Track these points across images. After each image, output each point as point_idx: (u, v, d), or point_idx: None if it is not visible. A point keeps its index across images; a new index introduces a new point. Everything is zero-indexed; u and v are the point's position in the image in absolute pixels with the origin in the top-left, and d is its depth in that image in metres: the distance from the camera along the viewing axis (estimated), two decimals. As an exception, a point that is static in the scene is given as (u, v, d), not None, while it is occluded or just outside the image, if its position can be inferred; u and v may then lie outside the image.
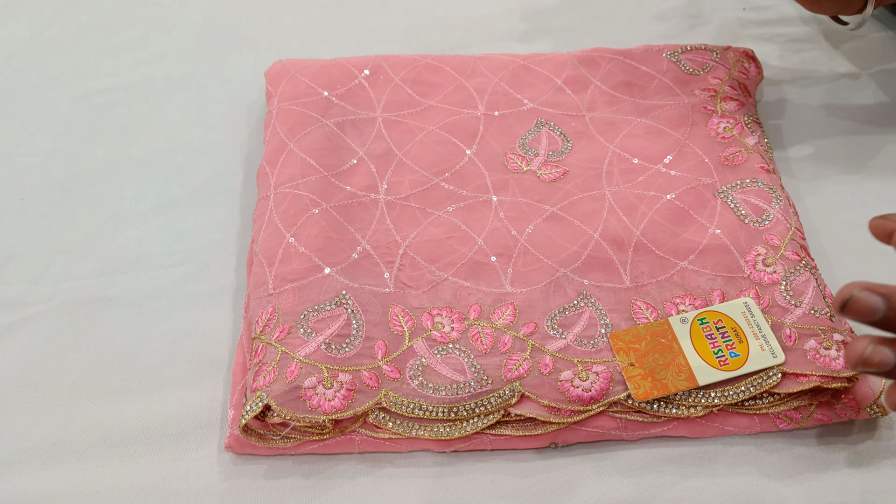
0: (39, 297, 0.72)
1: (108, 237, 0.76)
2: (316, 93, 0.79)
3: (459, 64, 0.83)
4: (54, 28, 0.95)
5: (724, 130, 0.77)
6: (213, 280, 0.72)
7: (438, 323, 0.65)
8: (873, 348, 0.47)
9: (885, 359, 0.46)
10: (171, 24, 0.96)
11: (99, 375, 0.67)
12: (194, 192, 0.79)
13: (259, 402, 0.60)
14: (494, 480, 0.61)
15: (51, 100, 0.88)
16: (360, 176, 0.74)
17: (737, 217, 0.71)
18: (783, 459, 0.62)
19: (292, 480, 0.61)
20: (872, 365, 0.47)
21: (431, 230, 0.70)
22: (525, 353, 0.63)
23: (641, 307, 0.66)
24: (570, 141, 0.77)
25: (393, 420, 0.61)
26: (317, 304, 0.65)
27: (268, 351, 0.62)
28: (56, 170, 0.81)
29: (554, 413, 0.61)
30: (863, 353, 0.47)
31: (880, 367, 0.47)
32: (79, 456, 0.63)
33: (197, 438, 0.64)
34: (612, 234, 0.70)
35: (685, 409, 0.62)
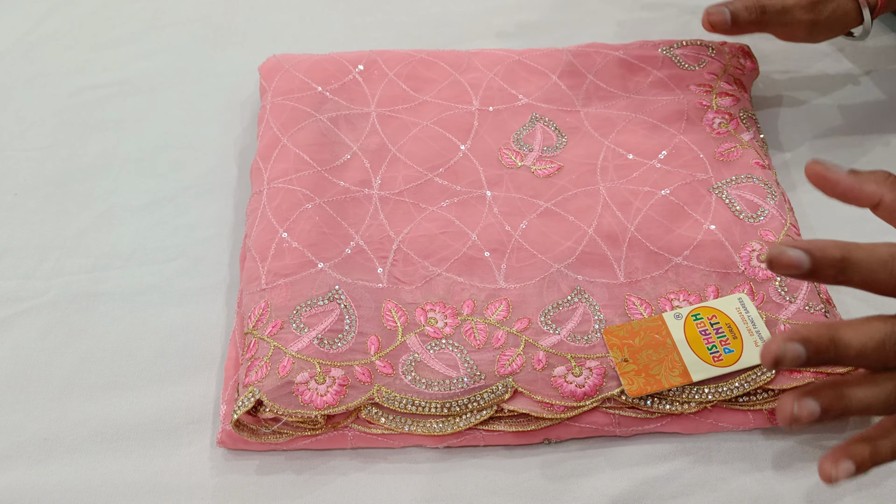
0: (32, 292, 0.71)
1: (102, 232, 0.76)
2: (310, 88, 0.79)
3: (454, 59, 0.83)
4: (48, 24, 0.95)
5: (720, 126, 0.76)
6: (206, 275, 0.72)
7: (432, 318, 0.65)
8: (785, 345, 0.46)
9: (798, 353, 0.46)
10: (165, 19, 0.95)
11: (91, 370, 0.67)
12: (188, 187, 0.79)
13: (251, 397, 0.60)
14: (487, 476, 0.61)
15: (44, 95, 0.87)
16: (354, 171, 0.73)
17: (731, 213, 0.71)
18: (777, 455, 0.62)
19: (284, 476, 0.61)
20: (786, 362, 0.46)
21: (425, 225, 0.70)
22: (518, 348, 0.63)
23: (635, 303, 0.66)
24: (565, 136, 0.77)
25: (386, 415, 0.61)
26: (309, 300, 0.65)
27: (260, 346, 0.62)
28: (49, 165, 0.81)
29: (547, 409, 0.61)
30: (777, 349, 0.46)
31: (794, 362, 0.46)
32: (71, 451, 0.63)
33: (189, 434, 0.63)
34: (607, 230, 0.70)
35: (679, 404, 0.62)
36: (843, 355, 0.46)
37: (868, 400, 0.47)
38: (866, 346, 0.46)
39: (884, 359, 0.47)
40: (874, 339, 0.47)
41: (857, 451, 0.47)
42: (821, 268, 0.46)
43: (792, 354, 0.46)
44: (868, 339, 0.47)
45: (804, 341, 0.46)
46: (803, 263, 0.46)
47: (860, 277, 0.47)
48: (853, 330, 0.47)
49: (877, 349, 0.46)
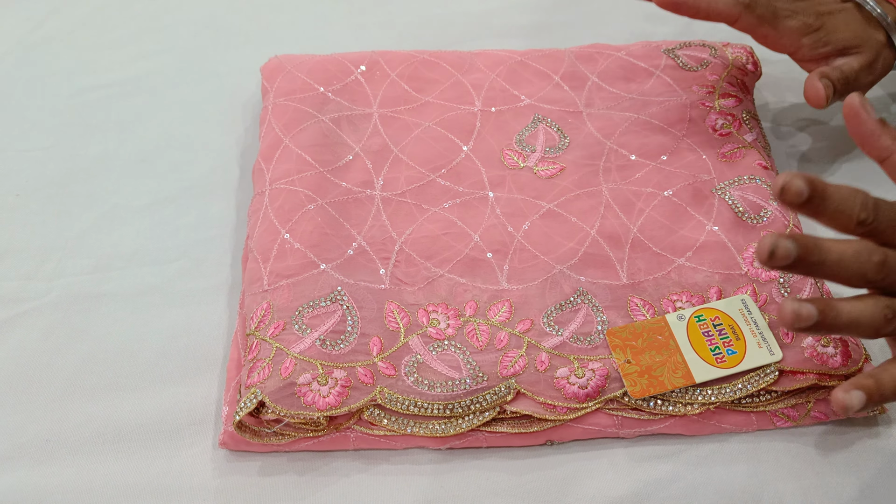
0: (34, 293, 0.71)
1: (103, 233, 0.75)
2: (312, 88, 0.79)
3: (456, 60, 0.82)
4: (50, 24, 0.95)
5: (722, 127, 0.76)
6: (208, 276, 0.72)
7: (434, 319, 0.65)
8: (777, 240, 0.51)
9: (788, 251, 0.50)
10: (167, 19, 0.95)
11: (93, 372, 0.67)
12: (189, 188, 0.79)
13: (253, 398, 0.59)
14: (490, 478, 0.61)
15: (46, 95, 0.87)
16: (356, 172, 0.73)
17: (734, 214, 0.70)
18: (780, 457, 0.62)
19: (287, 477, 0.61)
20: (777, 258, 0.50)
21: (427, 226, 0.70)
22: (521, 349, 0.63)
23: (638, 304, 0.66)
24: (567, 137, 0.77)
25: (388, 417, 0.61)
26: (312, 301, 0.64)
27: (262, 347, 0.62)
28: (51, 166, 0.81)
29: (550, 410, 0.61)
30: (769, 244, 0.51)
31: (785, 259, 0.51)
32: (73, 452, 0.63)
33: (191, 435, 0.63)
34: (609, 231, 0.70)
35: (682, 406, 0.62)
36: (826, 259, 0.51)
37: (855, 313, 0.52)
38: (845, 252, 0.52)
39: (860, 269, 0.52)
40: (852, 247, 0.52)
41: (863, 382, 0.53)
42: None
43: (783, 250, 0.50)
44: (847, 248, 0.52)
45: (795, 239, 0.50)
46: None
47: (833, 206, 0.52)
48: (834, 242, 0.52)
49: (854, 257, 0.52)
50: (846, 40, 0.73)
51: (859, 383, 0.53)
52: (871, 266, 0.53)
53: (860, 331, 0.53)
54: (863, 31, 0.74)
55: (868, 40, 0.73)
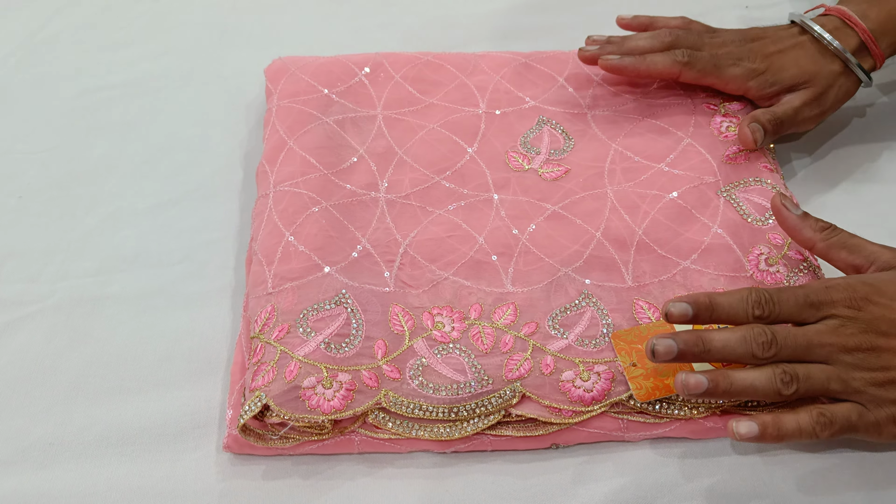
0: (37, 296, 0.71)
1: (107, 235, 0.75)
2: (316, 90, 0.79)
3: (460, 62, 0.82)
4: (53, 25, 0.95)
5: (727, 130, 0.76)
6: (211, 279, 0.72)
7: (439, 322, 0.64)
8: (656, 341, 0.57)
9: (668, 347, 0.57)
10: (171, 21, 0.95)
11: (96, 375, 0.66)
12: (193, 190, 0.79)
13: (258, 401, 0.59)
14: (495, 481, 0.61)
15: (49, 97, 0.87)
16: (361, 174, 0.73)
17: (739, 216, 0.70)
18: (786, 461, 0.61)
19: (291, 481, 0.61)
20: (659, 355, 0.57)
21: (432, 229, 0.70)
22: (526, 353, 0.63)
23: (643, 307, 0.66)
24: (572, 139, 0.77)
25: (393, 420, 0.61)
26: (316, 304, 0.64)
27: (267, 350, 0.62)
28: (54, 167, 0.81)
29: (555, 413, 0.61)
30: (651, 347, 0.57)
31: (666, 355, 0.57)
32: (76, 456, 0.62)
33: (195, 438, 0.63)
34: (614, 233, 0.69)
35: (688, 409, 0.61)
36: (711, 348, 0.57)
37: (749, 380, 0.56)
38: (729, 340, 0.57)
39: (748, 351, 0.57)
40: (738, 333, 0.57)
41: (763, 419, 0.56)
42: (699, 312, 0.57)
43: (664, 347, 0.56)
44: (731, 335, 0.57)
45: (675, 337, 0.57)
46: (688, 312, 0.57)
47: (724, 314, 0.58)
48: (718, 332, 0.57)
49: (740, 342, 0.57)
50: (793, 77, 0.75)
51: (759, 417, 0.56)
52: (758, 346, 0.57)
53: (758, 395, 0.57)
54: (813, 65, 0.75)
55: (818, 74, 0.75)
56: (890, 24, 0.75)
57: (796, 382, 0.56)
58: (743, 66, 0.76)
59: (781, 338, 0.57)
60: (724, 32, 0.79)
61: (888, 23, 0.75)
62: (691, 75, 0.76)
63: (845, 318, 0.57)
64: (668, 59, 0.76)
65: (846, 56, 0.75)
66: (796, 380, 0.56)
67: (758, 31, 0.78)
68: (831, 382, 0.57)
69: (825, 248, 0.63)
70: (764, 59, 0.76)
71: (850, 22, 0.75)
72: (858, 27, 0.75)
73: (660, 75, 0.77)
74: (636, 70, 0.77)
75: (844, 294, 0.58)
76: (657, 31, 0.78)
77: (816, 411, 0.56)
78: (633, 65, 0.76)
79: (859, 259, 0.62)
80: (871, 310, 0.57)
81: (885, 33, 0.75)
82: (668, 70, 0.76)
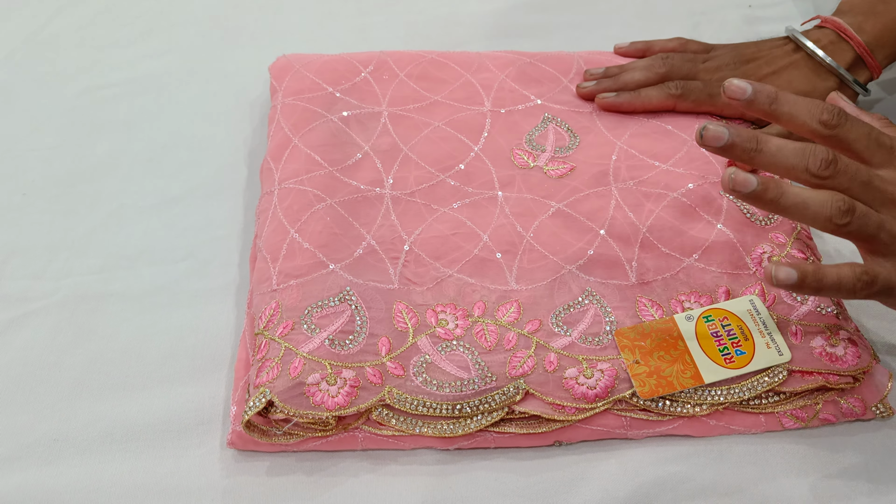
0: (41, 293, 0.71)
1: (111, 233, 0.75)
2: (321, 88, 0.79)
3: (465, 60, 0.82)
4: (57, 23, 0.95)
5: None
6: (215, 276, 0.72)
7: (442, 320, 0.65)
8: None
9: None
10: (175, 18, 0.95)
11: (101, 371, 0.66)
12: (197, 187, 0.79)
13: (262, 398, 0.59)
14: (498, 478, 0.61)
15: (53, 94, 0.87)
16: (366, 171, 0.73)
17: (743, 215, 0.70)
18: (789, 459, 0.62)
19: (295, 477, 0.61)
20: None
21: (437, 226, 0.70)
22: (529, 350, 0.63)
23: (647, 304, 0.66)
24: (578, 137, 0.77)
25: (396, 417, 0.61)
26: (320, 300, 0.64)
27: (271, 347, 0.62)
28: (58, 165, 0.81)
29: (558, 411, 0.61)
30: None
31: None
32: (80, 452, 0.62)
33: (199, 435, 0.63)
34: (619, 231, 0.69)
35: (690, 407, 0.62)
36: (764, 148, 0.55)
37: (803, 196, 0.54)
38: (799, 107, 0.55)
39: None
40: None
41: (804, 266, 0.54)
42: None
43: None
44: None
45: (731, 129, 0.55)
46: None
47: (788, 119, 0.56)
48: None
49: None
50: None
51: (799, 266, 0.54)
52: (816, 161, 0.54)
53: (808, 216, 0.54)
54: (807, 84, 0.76)
55: (812, 92, 0.76)
56: (886, 36, 0.75)
57: (851, 215, 0.53)
58: None
59: (843, 163, 0.54)
60: (719, 53, 0.79)
61: (884, 35, 0.75)
62: (686, 106, 0.78)
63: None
64: (662, 94, 0.77)
65: (841, 72, 0.75)
66: (852, 212, 0.53)
67: (752, 50, 0.79)
68: (882, 231, 0.54)
69: None
70: None
71: (846, 35, 0.75)
72: (854, 40, 0.75)
73: (655, 109, 0.78)
74: (632, 106, 0.78)
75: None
76: (652, 61, 0.79)
77: (860, 268, 0.54)
78: (629, 101, 0.78)
79: None
80: None
81: (881, 45, 0.75)
82: (662, 104, 0.78)
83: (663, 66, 0.78)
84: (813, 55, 0.76)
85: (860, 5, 0.77)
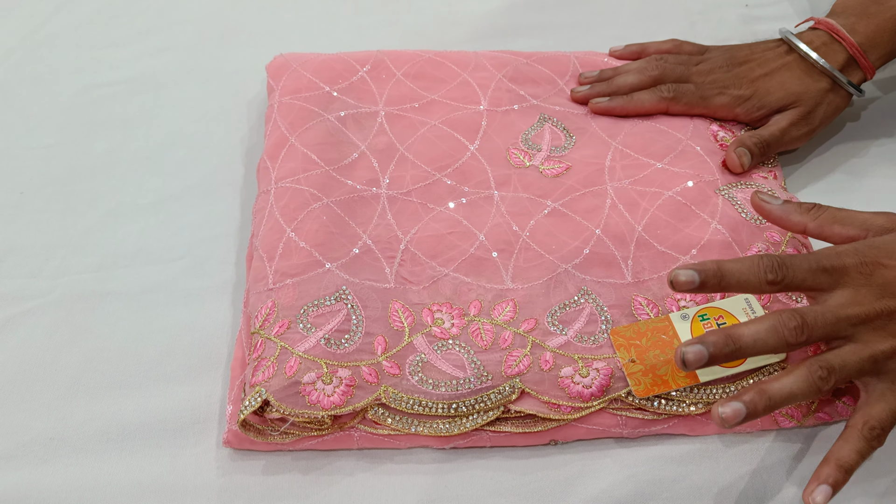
0: (38, 291, 0.71)
1: (108, 231, 0.75)
2: (317, 87, 0.79)
3: (462, 59, 0.82)
4: (55, 21, 0.95)
5: (723, 139, 0.77)
6: (212, 275, 0.72)
7: (438, 319, 0.65)
8: None
9: None
10: (172, 17, 0.95)
11: (97, 370, 0.66)
12: (194, 186, 0.79)
13: (258, 397, 0.59)
14: (493, 477, 0.61)
15: (51, 93, 0.87)
16: (362, 170, 0.73)
17: (738, 214, 0.70)
18: (784, 458, 0.62)
19: (291, 476, 0.61)
20: None
21: (433, 225, 0.70)
22: (525, 349, 0.63)
23: (642, 303, 0.66)
24: (573, 136, 0.77)
25: (392, 416, 0.61)
26: (316, 300, 0.64)
27: (267, 346, 0.62)
28: (55, 163, 0.81)
29: (554, 410, 0.61)
30: None
31: None
32: (76, 451, 0.62)
33: (195, 434, 0.63)
34: (614, 230, 0.69)
35: (686, 406, 0.62)
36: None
37: (787, 387, 0.55)
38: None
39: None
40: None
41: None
42: (706, 280, 0.57)
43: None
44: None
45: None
46: (694, 280, 0.57)
47: (735, 281, 0.57)
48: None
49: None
50: (780, 100, 0.76)
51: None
52: (790, 332, 0.56)
53: (799, 400, 0.56)
54: (800, 86, 0.76)
55: (805, 94, 0.76)
56: (879, 37, 0.75)
57: (834, 375, 0.56)
58: (729, 94, 0.77)
59: (811, 319, 0.56)
60: (712, 56, 0.79)
61: (877, 36, 0.75)
62: (679, 108, 0.78)
63: (858, 286, 0.57)
64: (654, 97, 0.78)
65: (834, 73, 0.75)
66: (833, 373, 0.56)
67: (745, 52, 0.79)
68: (864, 364, 0.56)
69: (817, 227, 0.63)
70: (750, 85, 0.77)
71: (838, 36, 0.75)
72: (846, 41, 0.75)
73: (648, 112, 0.78)
74: (625, 110, 0.78)
75: (855, 259, 0.58)
76: (644, 63, 0.80)
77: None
78: (622, 106, 0.78)
79: (853, 230, 0.61)
80: (882, 273, 0.57)
81: (874, 46, 0.75)
82: (655, 107, 0.78)
83: (656, 68, 0.79)
84: (806, 57, 0.76)
85: (853, 7, 0.77)
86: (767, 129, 0.76)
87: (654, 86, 0.78)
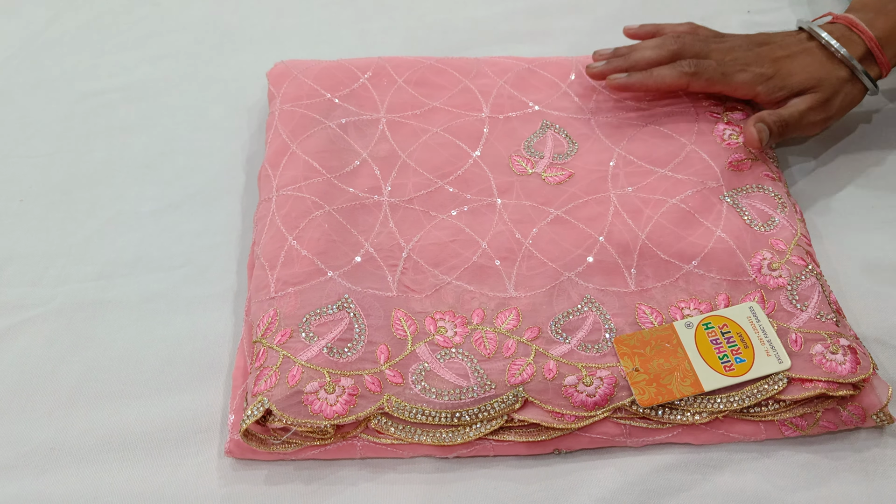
0: (38, 300, 0.71)
1: (108, 239, 0.75)
2: (319, 94, 0.79)
3: (463, 66, 0.82)
4: (54, 28, 0.95)
5: (730, 138, 0.76)
6: (213, 283, 0.72)
7: (441, 327, 0.64)
8: None
9: None
10: (172, 24, 0.95)
11: (98, 379, 0.66)
12: (195, 194, 0.78)
13: (260, 406, 0.59)
14: (497, 487, 0.61)
15: (50, 101, 0.87)
16: (364, 178, 0.73)
17: (743, 221, 0.70)
18: (788, 467, 0.61)
19: (293, 486, 0.61)
20: None
21: (435, 233, 0.70)
22: (529, 357, 0.63)
23: (646, 311, 0.66)
24: (576, 143, 0.77)
25: (395, 425, 0.61)
26: (319, 308, 0.64)
27: (269, 355, 0.62)
28: (55, 171, 0.81)
29: (558, 419, 0.61)
30: None
31: None
32: (78, 461, 0.62)
33: (197, 443, 0.63)
34: (618, 238, 0.69)
35: (690, 415, 0.61)
36: None
37: None
38: None
39: None
40: None
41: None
42: None
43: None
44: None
45: None
46: None
47: None
48: None
49: None
50: (801, 83, 0.76)
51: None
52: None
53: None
54: (821, 70, 0.76)
55: (825, 80, 0.75)
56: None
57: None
58: (751, 71, 0.76)
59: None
60: (730, 37, 0.79)
61: (894, 32, 0.75)
62: (700, 85, 0.77)
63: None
64: (675, 72, 0.76)
65: (853, 63, 0.75)
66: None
67: (765, 36, 0.79)
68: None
69: None
70: (772, 64, 0.76)
71: (857, 30, 0.75)
72: (865, 35, 0.75)
73: (668, 88, 0.77)
74: (644, 86, 0.77)
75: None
76: (663, 39, 0.79)
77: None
78: (641, 81, 0.77)
79: None
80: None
81: (891, 42, 0.75)
82: (676, 82, 0.76)
83: (675, 43, 0.78)
84: (827, 45, 0.76)
85: (872, 3, 0.77)
86: (786, 109, 0.75)
87: (674, 61, 0.77)
